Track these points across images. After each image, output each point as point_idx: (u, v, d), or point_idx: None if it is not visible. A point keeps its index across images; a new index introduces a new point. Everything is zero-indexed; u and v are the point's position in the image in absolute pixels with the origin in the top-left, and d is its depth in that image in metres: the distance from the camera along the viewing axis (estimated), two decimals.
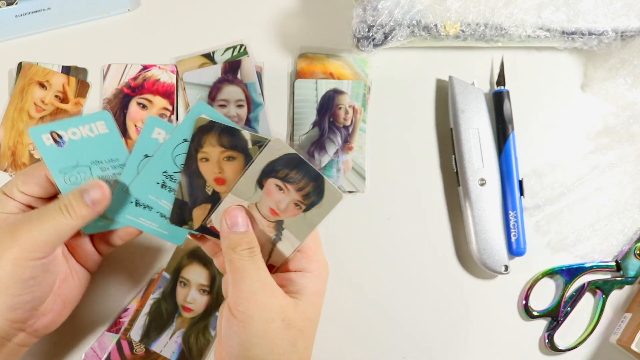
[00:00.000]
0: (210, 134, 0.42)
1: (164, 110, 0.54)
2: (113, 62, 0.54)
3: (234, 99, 0.54)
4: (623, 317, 0.52)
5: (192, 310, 0.51)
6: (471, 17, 0.51)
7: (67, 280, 0.45)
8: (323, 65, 0.54)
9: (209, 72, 0.54)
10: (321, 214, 0.42)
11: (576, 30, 0.52)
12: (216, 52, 0.55)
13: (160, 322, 0.50)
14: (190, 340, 0.50)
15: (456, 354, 0.52)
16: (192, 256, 0.52)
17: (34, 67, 0.54)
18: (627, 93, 0.54)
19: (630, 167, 0.54)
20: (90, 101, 0.54)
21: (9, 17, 0.55)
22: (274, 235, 0.43)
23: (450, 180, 0.54)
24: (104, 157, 0.44)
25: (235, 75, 0.54)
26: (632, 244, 0.53)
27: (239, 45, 0.55)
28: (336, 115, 0.53)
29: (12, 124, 0.53)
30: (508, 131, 0.53)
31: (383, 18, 0.49)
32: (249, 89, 0.54)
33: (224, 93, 0.54)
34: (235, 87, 0.54)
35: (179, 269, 0.51)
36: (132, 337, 0.50)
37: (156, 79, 0.54)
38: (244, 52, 0.54)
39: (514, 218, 0.52)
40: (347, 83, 0.54)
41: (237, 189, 0.42)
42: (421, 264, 0.53)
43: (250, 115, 0.54)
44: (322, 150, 0.53)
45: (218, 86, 0.54)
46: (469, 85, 0.53)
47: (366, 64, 0.55)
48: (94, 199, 0.41)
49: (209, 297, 0.51)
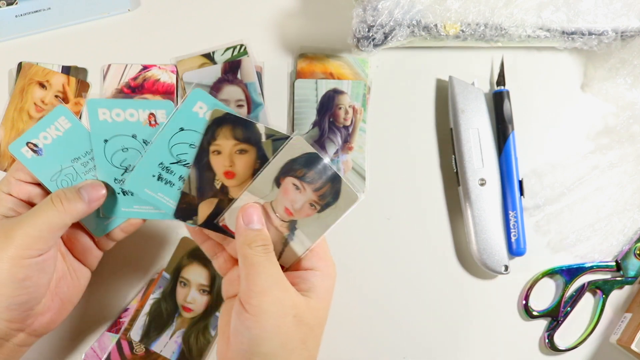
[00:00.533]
0: (225, 127, 0.42)
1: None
2: (113, 62, 0.54)
3: (234, 99, 0.54)
4: (623, 317, 0.52)
5: (192, 310, 0.51)
6: (471, 17, 0.51)
7: (65, 279, 0.45)
8: (323, 66, 0.54)
9: (209, 72, 0.54)
10: (336, 215, 0.42)
11: (576, 30, 0.52)
12: (216, 52, 0.55)
13: (160, 322, 0.50)
14: (191, 340, 0.50)
15: (456, 354, 0.52)
16: (192, 256, 0.52)
17: (34, 67, 0.54)
18: (627, 93, 0.54)
19: (630, 167, 0.54)
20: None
21: (9, 17, 0.55)
22: (286, 235, 0.43)
23: (450, 180, 0.54)
24: (79, 151, 0.44)
25: (235, 75, 0.54)
26: (632, 244, 0.53)
27: (239, 45, 0.55)
28: (336, 115, 0.53)
29: (12, 124, 0.53)
30: (508, 131, 0.53)
31: (383, 18, 0.49)
32: (248, 89, 0.54)
33: (224, 93, 0.54)
34: (235, 87, 0.54)
35: (179, 269, 0.51)
36: (132, 337, 0.50)
37: (156, 79, 0.54)
38: (244, 52, 0.55)
39: (514, 218, 0.52)
40: (347, 83, 0.54)
41: (254, 187, 0.42)
42: (421, 264, 0.53)
43: (249, 115, 0.54)
44: (322, 150, 0.53)
45: (218, 86, 0.54)
46: (469, 85, 0.53)
47: (366, 64, 0.55)
48: (91, 197, 0.42)
49: (209, 297, 0.51)
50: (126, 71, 0.54)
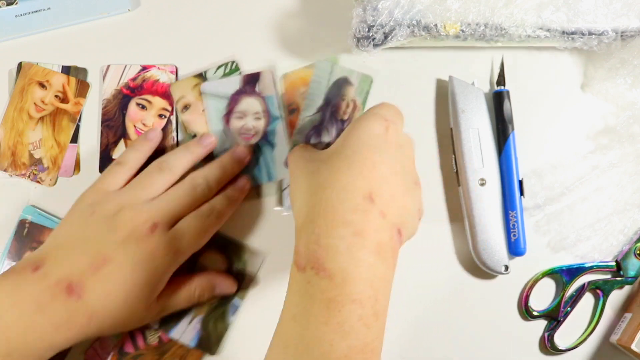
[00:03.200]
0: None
1: (164, 110, 0.54)
2: (113, 63, 0.54)
3: (252, 112, 0.54)
4: (623, 317, 0.52)
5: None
6: (471, 17, 0.51)
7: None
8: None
9: (228, 83, 0.54)
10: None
11: (576, 30, 0.52)
12: (208, 71, 0.54)
13: None
14: (209, 326, 0.50)
15: (456, 354, 0.52)
16: (208, 243, 0.51)
17: (34, 67, 0.54)
18: (627, 93, 0.54)
19: (630, 167, 0.54)
20: (90, 101, 0.54)
21: (9, 17, 0.55)
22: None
23: (450, 180, 0.54)
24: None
25: (253, 88, 0.54)
26: (632, 244, 0.53)
27: (231, 62, 0.54)
28: (338, 106, 0.53)
29: (12, 124, 0.53)
30: (508, 131, 0.53)
31: (383, 18, 0.49)
32: (267, 102, 0.54)
33: (242, 105, 0.54)
34: (254, 100, 0.54)
35: (196, 255, 0.51)
36: (151, 323, 0.50)
37: (155, 79, 0.54)
38: (236, 69, 0.54)
39: (514, 218, 0.51)
40: (358, 75, 0.54)
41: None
42: (420, 264, 0.53)
43: (267, 129, 0.54)
44: (318, 137, 0.53)
45: (236, 98, 0.54)
46: (469, 85, 0.53)
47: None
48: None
49: None
50: (125, 72, 0.54)
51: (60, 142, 0.53)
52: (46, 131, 0.54)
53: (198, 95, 0.54)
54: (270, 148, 0.53)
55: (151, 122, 0.54)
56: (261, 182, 0.53)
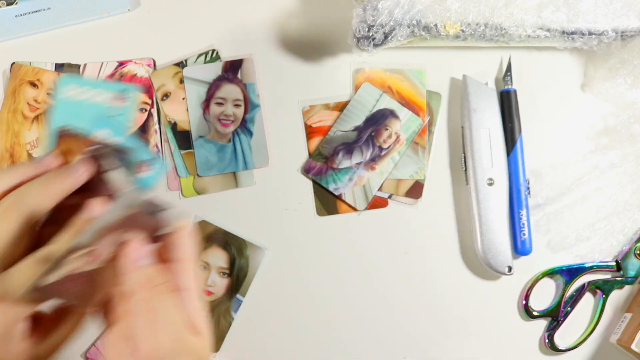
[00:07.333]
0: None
1: (144, 104, 0.54)
2: (111, 61, 0.54)
3: (232, 98, 0.54)
4: (623, 317, 0.52)
5: (212, 294, 0.51)
6: (471, 17, 0.51)
7: None
8: (381, 78, 0.54)
9: (210, 69, 0.54)
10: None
11: (576, 30, 0.52)
12: (189, 59, 0.54)
13: None
14: (212, 323, 0.50)
15: (456, 354, 0.52)
16: (210, 239, 0.51)
17: (24, 67, 0.54)
18: (627, 93, 0.54)
19: (630, 167, 0.54)
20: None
21: (9, 17, 0.54)
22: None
23: (459, 179, 0.54)
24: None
25: (235, 74, 0.54)
26: (632, 244, 0.53)
27: (211, 50, 0.55)
28: (379, 133, 0.53)
29: (7, 125, 0.53)
30: (517, 131, 0.53)
31: (383, 18, 0.49)
32: (247, 89, 0.54)
33: (222, 91, 0.54)
34: (234, 86, 0.54)
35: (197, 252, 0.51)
36: None
37: (133, 74, 0.54)
38: (217, 57, 0.54)
39: (524, 217, 0.51)
40: (407, 113, 0.54)
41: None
42: (425, 263, 0.53)
43: (246, 116, 0.54)
44: (347, 154, 0.53)
45: (217, 84, 0.54)
46: (482, 85, 0.53)
47: (423, 75, 0.54)
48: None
49: (229, 279, 0.51)
50: (102, 69, 0.54)
51: None
52: (42, 129, 0.54)
53: (178, 84, 0.54)
54: (249, 136, 0.53)
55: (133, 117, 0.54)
56: (237, 170, 0.53)
